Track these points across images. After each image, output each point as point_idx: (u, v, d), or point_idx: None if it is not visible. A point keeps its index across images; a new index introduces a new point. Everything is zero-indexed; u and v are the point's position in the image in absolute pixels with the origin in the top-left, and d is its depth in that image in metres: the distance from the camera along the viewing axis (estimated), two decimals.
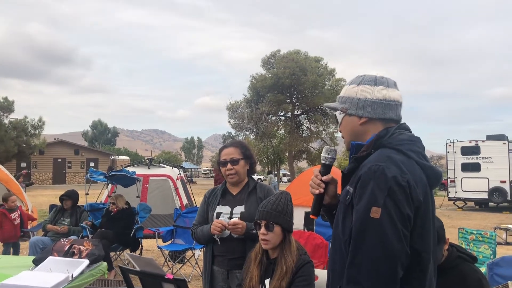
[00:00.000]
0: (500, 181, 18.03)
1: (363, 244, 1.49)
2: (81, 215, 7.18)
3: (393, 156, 1.58)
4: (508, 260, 3.23)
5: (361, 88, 1.74)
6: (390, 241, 1.46)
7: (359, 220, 1.52)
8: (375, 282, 1.45)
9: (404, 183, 1.51)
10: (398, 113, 1.74)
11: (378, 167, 1.53)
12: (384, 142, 1.64)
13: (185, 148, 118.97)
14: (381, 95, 1.71)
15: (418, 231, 1.54)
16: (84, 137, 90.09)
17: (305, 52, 38.50)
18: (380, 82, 1.73)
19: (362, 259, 1.49)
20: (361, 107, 1.72)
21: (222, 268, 2.99)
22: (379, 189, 1.50)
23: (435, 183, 1.66)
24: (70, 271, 3.20)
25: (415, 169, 1.59)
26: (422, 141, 1.71)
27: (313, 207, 1.84)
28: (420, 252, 1.54)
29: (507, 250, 8.18)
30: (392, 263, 1.46)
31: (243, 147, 3.14)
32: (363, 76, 1.78)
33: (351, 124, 1.75)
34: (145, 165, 11.52)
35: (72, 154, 43.81)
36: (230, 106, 38.60)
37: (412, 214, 1.51)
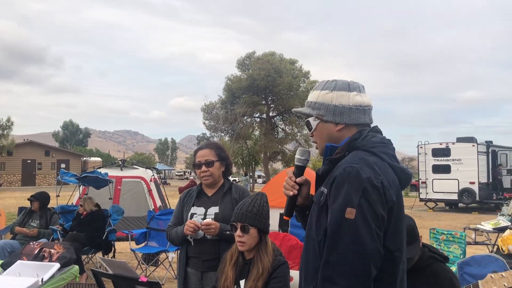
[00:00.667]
0: (470, 182, 18.49)
1: (338, 244, 1.51)
2: (51, 217, 7.02)
3: (367, 158, 1.61)
4: (477, 259, 3.31)
5: (336, 94, 1.74)
6: (365, 241, 1.49)
7: (334, 220, 1.54)
8: (350, 281, 1.47)
9: (378, 184, 1.54)
10: (370, 117, 1.78)
11: (353, 169, 1.56)
12: (357, 145, 1.67)
13: (159, 149, 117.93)
14: (356, 101, 1.73)
15: (391, 230, 1.57)
16: (55, 138, 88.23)
17: (280, 54, 38.72)
18: (353, 88, 1.75)
19: (337, 259, 1.51)
20: (338, 113, 1.73)
21: (196, 270, 2.97)
22: (353, 190, 1.53)
23: (405, 184, 1.71)
24: (40, 275, 3.13)
25: (388, 170, 1.63)
26: (393, 143, 1.75)
27: (286, 208, 1.85)
28: (393, 251, 1.57)
29: (476, 250, 8.39)
30: (367, 262, 1.48)
31: (218, 149, 3.13)
32: (335, 81, 1.78)
33: (327, 130, 1.76)
34: (117, 167, 11.36)
35: (42, 155, 42.85)
36: (205, 107, 38.44)
37: (385, 214, 1.54)
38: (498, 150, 20.51)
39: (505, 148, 21.38)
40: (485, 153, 19.17)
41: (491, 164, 19.52)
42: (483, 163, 18.93)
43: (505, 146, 21.70)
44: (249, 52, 38.63)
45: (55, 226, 6.84)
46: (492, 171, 19.78)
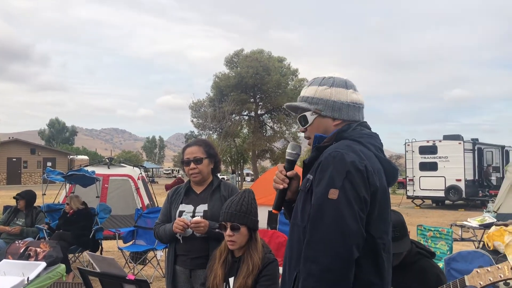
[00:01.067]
0: (456, 179, 18.68)
1: (321, 224, 1.53)
2: (37, 216, 6.95)
3: (353, 145, 1.65)
4: (464, 255, 3.34)
5: (335, 90, 1.78)
6: (347, 221, 1.50)
7: (317, 201, 1.56)
8: (332, 259, 1.48)
9: (362, 167, 1.57)
10: (362, 115, 1.83)
11: (338, 153, 1.59)
12: (345, 135, 1.71)
13: (146, 147, 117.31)
14: (353, 98, 1.78)
15: (375, 217, 1.59)
16: (41, 136, 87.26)
17: (269, 52, 38.68)
18: (350, 86, 1.81)
19: (319, 238, 1.52)
20: (337, 109, 1.77)
21: (185, 267, 2.96)
22: (337, 173, 1.55)
23: (391, 178, 1.73)
24: (25, 274, 3.09)
25: (373, 159, 1.65)
26: (380, 138, 1.79)
27: (276, 202, 1.87)
28: (375, 238, 1.59)
29: (462, 246, 8.47)
30: (348, 242, 1.49)
31: (207, 146, 3.12)
32: (333, 78, 1.82)
33: (324, 125, 1.79)
34: (104, 165, 11.27)
35: (28, 153, 42.34)
36: (193, 105, 38.28)
37: (368, 197, 1.56)
38: (484, 147, 20.75)
39: (491, 145, 21.64)
40: (471, 151, 19.38)
41: (477, 162, 19.75)
42: (469, 160, 19.14)
43: (491, 143, 21.97)
44: (237, 50, 38.56)
45: (41, 224, 6.76)
46: (483, 171, 20.04)
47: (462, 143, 18.81)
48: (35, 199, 7.20)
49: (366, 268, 1.57)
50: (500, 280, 2.19)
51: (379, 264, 1.61)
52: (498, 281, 2.20)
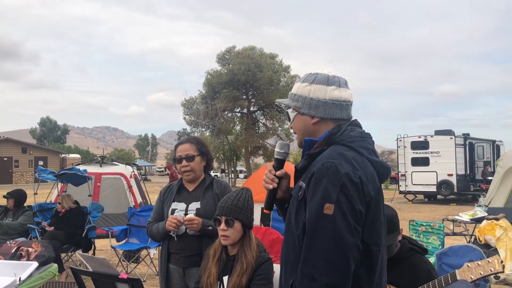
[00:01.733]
0: (448, 174, 18.81)
1: (317, 240, 1.51)
2: (22, 214, 6.92)
3: (345, 153, 1.61)
4: (455, 250, 3.37)
5: (314, 87, 1.75)
6: (343, 236, 1.49)
7: (313, 216, 1.54)
8: (330, 277, 1.47)
9: (356, 179, 1.54)
10: (349, 113, 1.77)
11: (331, 164, 1.56)
12: (336, 139, 1.67)
13: (139, 145, 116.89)
14: (333, 96, 1.73)
15: (369, 225, 1.58)
16: (32, 134, 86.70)
17: (260, 48, 38.60)
18: (332, 82, 1.75)
19: (316, 255, 1.51)
20: (313, 107, 1.74)
21: (178, 266, 2.95)
22: (332, 186, 1.53)
23: (384, 178, 1.71)
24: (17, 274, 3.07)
25: (366, 165, 1.63)
26: (372, 137, 1.75)
27: (266, 202, 1.86)
28: (370, 245, 1.58)
29: (454, 241, 8.54)
30: (346, 257, 1.49)
31: (199, 143, 3.11)
32: (316, 74, 1.78)
33: (303, 123, 1.77)
34: (97, 163, 11.21)
35: (19, 152, 42.02)
36: (185, 102, 38.15)
37: (363, 209, 1.55)
38: (475, 142, 20.90)
39: (481, 140, 21.80)
40: (462, 146, 19.51)
41: (468, 157, 19.88)
42: (460, 155, 19.28)
43: (482, 138, 22.13)
44: (229, 47, 38.46)
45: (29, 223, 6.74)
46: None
47: (453, 138, 18.93)
48: (25, 198, 7.16)
49: (363, 276, 1.57)
50: (491, 273, 2.22)
51: (375, 270, 1.61)
52: (489, 274, 2.22)
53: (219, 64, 38.36)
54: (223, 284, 2.48)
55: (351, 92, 1.79)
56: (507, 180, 8.99)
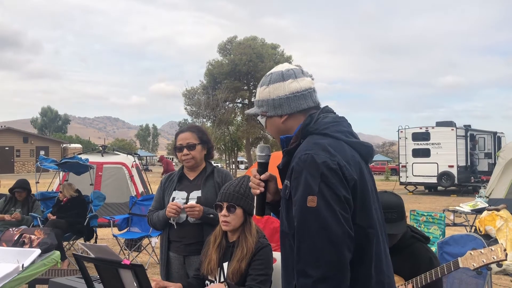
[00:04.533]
0: (448, 165, 18.81)
1: (305, 234, 1.50)
2: (33, 204, 6.94)
3: (320, 141, 1.59)
4: (456, 239, 3.38)
5: (272, 87, 1.73)
6: (331, 226, 1.46)
7: (298, 211, 1.53)
8: (324, 270, 1.45)
9: (334, 166, 1.52)
10: (314, 99, 1.74)
11: (307, 156, 1.54)
12: (310, 129, 1.65)
13: (140, 135, 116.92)
14: (292, 89, 1.71)
15: (359, 208, 1.56)
16: (34, 124, 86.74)
17: (262, 38, 38.46)
18: (288, 76, 1.72)
19: (306, 250, 1.49)
20: (277, 106, 1.72)
21: (179, 254, 2.96)
22: (311, 177, 1.51)
23: (368, 157, 1.69)
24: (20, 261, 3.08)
25: (344, 149, 1.60)
26: (347, 120, 1.73)
27: (257, 207, 1.83)
28: (365, 228, 1.56)
29: (454, 231, 8.56)
30: (337, 248, 1.46)
31: (200, 132, 3.10)
32: (271, 74, 1.77)
33: (275, 124, 1.76)
34: (98, 153, 11.22)
35: (21, 142, 42.09)
36: (186, 92, 38.08)
37: (349, 195, 1.53)
38: (476, 134, 20.88)
39: (483, 132, 21.77)
40: (463, 137, 19.49)
41: (469, 148, 19.87)
42: (461, 147, 19.26)
43: (483, 129, 22.10)
44: (231, 37, 38.33)
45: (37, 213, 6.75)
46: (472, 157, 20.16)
47: (454, 129, 18.91)
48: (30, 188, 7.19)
49: (362, 259, 1.55)
50: (493, 261, 2.22)
51: (373, 253, 1.58)
52: (491, 262, 2.23)
53: (220, 54, 38.26)
54: (223, 270, 2.50)
55: (310, 79, 1.75)
56: (508, 171, 9.00)
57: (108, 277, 2.10)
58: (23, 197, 6.88)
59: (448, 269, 2.34)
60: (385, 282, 1.62)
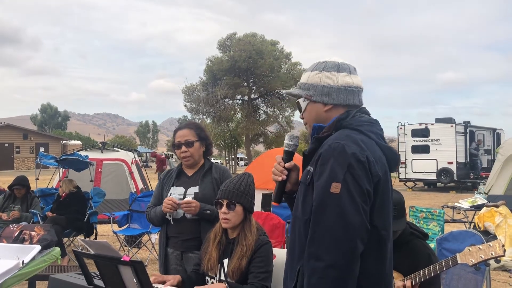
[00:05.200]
0: (448, 162, 18.81)
1: (323, 218, 1.51)
2: (32, 201, 6.93)
3: (353, 135, 1.61)
4: (455, 235, 3.39)
5: (325, 74, 1.74)
6: (350, 215, 1.48)
7: (319, 195, 1.54)
8: (336, 255, 1.46)
9: (363, 158, 1.54)
10: (360, 99, 1.77)
11: (338, 145, 1.56)
12: (344, 124, 1.67)
13: (140, 132, 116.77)
14: (345, 82, 1.72)
15: (378, 208, 1.57)
16: (33, 121, 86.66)
17: (262, 35, 38.35)
18: (343, 69, 1.74)
19: (322, 234, 1.50)
20: (326, 94, 1.73)
21: (176, 250, 2.97)
22: (339, 165, 1.52)
23: (394, 164, 1.71)
24: (20, 258, 3.09)
25: (374, 148, 1.62)
26: (380, 124, 1.75)
27: (275, 194, 1.84)
28: (379, 230, 1.57)
29: (453, 227, 8.58)
30: (352, 237, 1.47)
31: (198, 129, 3.11)
32: (325, 62, 1.77)
33: (316, 110, 1.76)
34: (98, 149, 11.22)
35: (21, 138, 42.06)
36: (186, 89, 38.02)
37: (371, 189, 1.54)
38: (476, 130, 20.87)
39: (482, 128, 21.76)
40: (463, 134, 19.49)
41: (469, 145, 19.87)
42: (461, 143, 19.25)
43: (483, 126, 22.09)
44: (230, 33, 38.24)
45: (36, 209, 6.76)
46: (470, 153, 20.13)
47: (454, 126, 18.89)
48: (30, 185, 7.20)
49: (372, 260, 1.56)
50: (492, 257, 2.23)
51: (384, 255, 1.60)
52: (490, 258, 2.23)
53: (220, 51, 38.18)
54: (224, 266, 2.50)
55: (361, 79, 1.78)
56: (507, 168, 9.01)
57: (108, 273, 2.11)
58: (22, 193, 6.88)
59: (446, 265, 2.35)
60: (384, 282, 1.63)
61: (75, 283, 2.37)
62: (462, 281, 3.14)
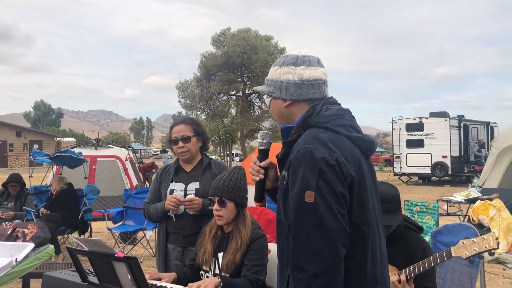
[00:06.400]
0: (442, 156, 18.89)
1: (302, 229, 1.50)
2: (25, 199, 6.90)
3: (320, 135, 1.58)
4: (450, 228, 3.40)
5: (283, 70, 1.70)
6: (327, 222, 1.47)
7: (295, 206, 1.52)
8: (318, 265, 1.46)
9: (333, 162, 1.51)
10: (322, 92, 1.71)
11: (306, 150, 1.53)
12: (311, 122, 1.63)
13: (134, 129, 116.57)
14: (302, 76, 1.68)
15: (356, 205, 1.55)
16: (27, 118, 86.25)
17: (256, 30, 38.28)
18: (302, 62, 1.70)
19: (302, 244, 1.49)
20: (284, 89, 1.70)
21: (177, 245, 2.96)
22: (310, 172, 1.50)
23: (368, 152, 1.67)
24: (14, 255, 3.07)
25: (344, 144, 1.58)
26: (350, 112, 1.71)
27: (256, 194, 1.84)
28: (360, 226, 1.56)
29: (448, 221, 8.62)
30: (333, 244, 1.47)
31: (195, 124, 3.09)
32: (286, 56, 1.75)
33: (277, 107, 1.74)
34: (92, 146, 11.18)
35: (14, 136, 41.81)
36: (180, 85, 37.92)
37: (346, 191, 1.52)
38: (470, 124, 20.96)
39: (476, 122, 21.86)
40: (457, 127, 19.56)
41: (463, 138, 19.95)
42: (455, 137, 19.34)
43: (476, 120, 22.18)
44: (224, 29, 38.14)
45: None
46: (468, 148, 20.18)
47: (448, 120, 18.97)
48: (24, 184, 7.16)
49: (356, 257, 1.55)
50: (485, 250, 2.23)
51: (368, 250, 1.58)
52: (483, 251, 2.24)
53: (214, 47, 38.08)
54: (218, 260, 2.50)
55: (324, 70, 1.72)
56: (501, 161, 9.05)
57: (102, 270, 2.10)
58: (17, 191, 6.85)
59: (441, 258, 2.35)
60: (378, 278, 1.62)
61: (69, 280, 2.35)
62: (457, 274, 3.15)
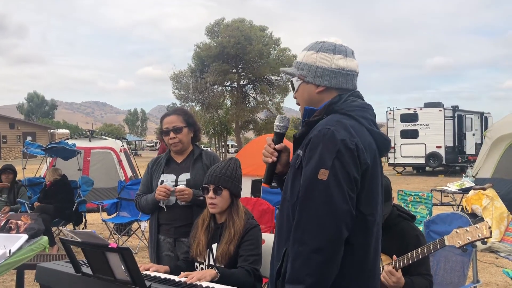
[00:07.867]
0: (436, 146, 18.98)
1: (309, 204, 1.51)
2: (19, 190, 6.87)
3: (344, 120, 1.59)
4: (443, 217, 3.41)
5: (320, 55, 1.71)
6: (336, 201, 1.48)
7: (307, 181, 1.54)
8: (320, 241, 1.47)
9: (352, 146, 1.53)
10: (354, 83, 1.74)
11: (328, 130, 1.55)
12: (336, 108, 1.65)
13: (128, 120, 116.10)
14: (339, 64, 1.70)
15: (365, 194, 1.57)
16: (20, 110, 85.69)
17: (250, 20, 38.11)
18: (339, 51, 1.72)
19: (308, 220, 1.50)
20: (319, 75, 1.70)
21: (169, 236, 2.96)
22: (327, 151, 1.52)
23: (384, 150, 1.70)
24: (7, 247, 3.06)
25: (364, 134, 1.61)
26: (373, 109, 1.73)
27: (266, 176, 1.84)
28: (366, 215, 1.57)
29: (441, 211, 8.67)
30: (337, 223, 1.48)
31: (186, 114, 3.08)
32: (322, 42, 1.75)
33: (308, 91, 1.74)
34: (86, 138, 11.13)
35: (7, 128, 41.57)
36: (174, 76, 37.76)
37: (359, 177, 1.54)
38: (464, 114, 21.04)
39: (470, 112, 21.94)
40: (451, 118, 19.64)
41: (457, 129, 20.04)
42: (449, 127, 19.42)
43: (471, 110, 22.26)
44: (218, 19, 37.92)
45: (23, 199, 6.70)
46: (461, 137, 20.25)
47: (442, 110, 19.03)
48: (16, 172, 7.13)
49: (357, 244, 1.56)
50: (478, 239, 2.25)
51: (370, 240, 1.60)
52: (476, 240, 2.25)
53: (208, 37, 37.90)
54: (212, 251, 2.50)
55: (357, 63, 1.75)
56: (495, 151, 9.09)
57: (95, 261, 2.09)
58: (10, 179, 6.82)
59: (434, 247, 2.36)
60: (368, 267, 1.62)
61: (63, 271, 2.35)
62: (450, 263, 3.17)
